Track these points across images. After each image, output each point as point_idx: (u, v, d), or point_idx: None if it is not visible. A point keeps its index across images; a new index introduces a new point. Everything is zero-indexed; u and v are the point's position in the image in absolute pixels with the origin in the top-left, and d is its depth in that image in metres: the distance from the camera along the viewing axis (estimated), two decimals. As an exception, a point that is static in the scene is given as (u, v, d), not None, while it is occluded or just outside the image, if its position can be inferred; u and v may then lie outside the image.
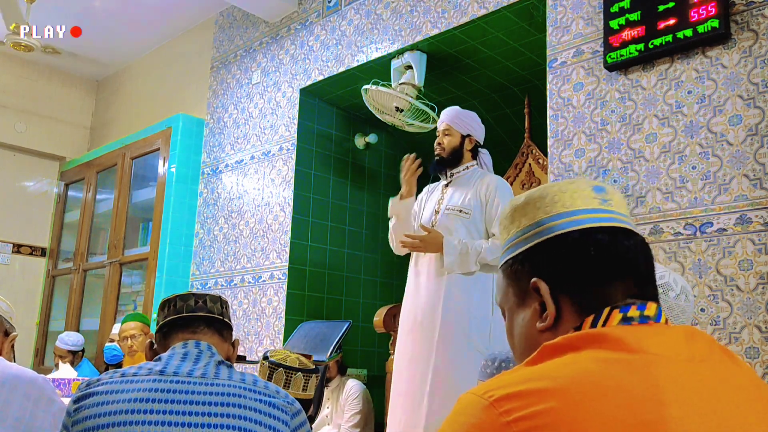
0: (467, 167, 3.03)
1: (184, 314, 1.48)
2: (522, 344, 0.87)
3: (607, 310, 0.80)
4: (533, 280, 0.84)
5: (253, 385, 1.33)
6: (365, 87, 3.91)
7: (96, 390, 1.30)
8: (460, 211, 2.92)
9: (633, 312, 0.80)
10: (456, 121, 3.02)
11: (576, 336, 0.76)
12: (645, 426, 0.67)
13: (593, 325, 0.80)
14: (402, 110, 3.86)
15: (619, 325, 0.79)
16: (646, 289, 0.84)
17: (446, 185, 3.06)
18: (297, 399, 2.20)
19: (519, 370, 0.75)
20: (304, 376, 2.27)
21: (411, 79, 3.84)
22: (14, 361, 1.74)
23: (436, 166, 3.05)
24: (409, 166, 3.01)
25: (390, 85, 3.90)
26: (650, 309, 0.81)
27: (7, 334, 1.84)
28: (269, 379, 2.22)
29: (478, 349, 2.72)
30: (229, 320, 1.57)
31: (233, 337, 1.57)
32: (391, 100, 3.84)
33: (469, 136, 3.02)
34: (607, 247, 0.83)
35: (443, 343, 2.79)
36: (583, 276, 0.82)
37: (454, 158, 3.02)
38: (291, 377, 2.24)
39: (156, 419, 1.24)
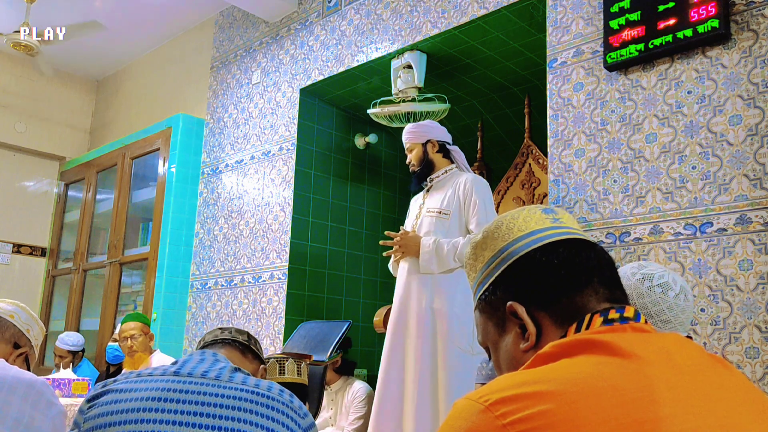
0: (445, 171, 3.13)
1: (209, 340, 1.60)
2: (511, 370, 0.88)
3: (588, 316, 0.83)
4: (508, 304, 0.87)
5: (268, 390, 1.32)
6: (370, 111, 4.00)
7: (112, 388, 1.30)
8: (439, 212, 2.99)
9: (613, 314, 0.83)
10: (411, 136, 3.15)
11: (567, 342, 0.77)
12: (640, 425, 0.67)
13: (577, 330, 0.82)
14: (413, 113, 3.89)
15: (604, 327, 0.81)
16: (616, 293, 0.87)
17: (427, 190, 3.14)
18: (294, 384, 2.22)
19: (513, 375, 0.76)
20: (295, 361, 2.29)
21: (410, 81, 3.84)
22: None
23: (417, 181, 3.16)
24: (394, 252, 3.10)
25: (390, 93, 3.93)
26: (629, 311, 0.84)
27: (17, 347, 1.82)
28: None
29: (461, 348, 2.76)
30: (257, 351, 1.63)
31: (261, 367, 1.63)
32: (399, 110, 3.89)
33: (428, 141, 3.11)
34: (570, 258, 0.87)
35: (426, 343, 2.84)
36: (553, 289, 0.86)
37: (427, 167, 3.13)
38: (283, 365, 2.26)
39: (168, 418, 1.23)
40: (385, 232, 3.10)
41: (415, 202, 3.22)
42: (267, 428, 1.26)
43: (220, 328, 1.62)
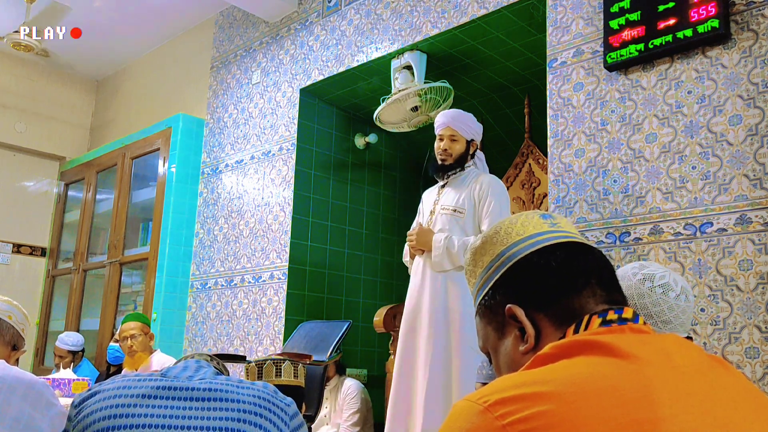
0: (463, 168, 3.06)
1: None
2: (511, 373, 0.88)
3: (586, 317, 0.83)
4: (507, 306, 0.88)
5: (251, 384, 1.38)
6: (376, 115, 3.97)
7: (100, 389, 1.35)
8: (454, 210, 2.96)
9: (611, 316, 0.83)
10: (463, 127, 3.04)
11: (566, 343, 0.78)
12: (638, 425, 0.67)
13: (575, 332, 0.82)
14: (418, 107, 3.86)
15: (603, 328, 0.82)
16: (614, 295, 0.88)
17: (442, 186, 3.08)
18: (290, 386, 2.23)
19: (513, 376, 0.76)
20: (292, 363, 2.29)
21: (408, 82, 3.82)
22: None
23: (441, 171, 3.06)
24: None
25: (390, 93, 3.92)
26: (627, 312, 0.84)
27: (15, 348, 1.83)
28: (259, 375, 2.24)
29: (472, 347, 2.75)
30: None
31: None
32: (404, 105, 3.85)
33: (472, 140, 3.06)
34: (568, 260, 0.88)
35: (439, 341, 2.83)
36: (551, 291, 0.86)
37: (459, 163, 3.05)
38: (280, 367, 2.27)
39: (158, 413, 1.27)
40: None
41: (428, 197, 3.17)
42: (256, 413, 1.30)
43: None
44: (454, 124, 3.03)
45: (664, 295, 1.57)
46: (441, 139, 3.05)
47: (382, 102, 3.91)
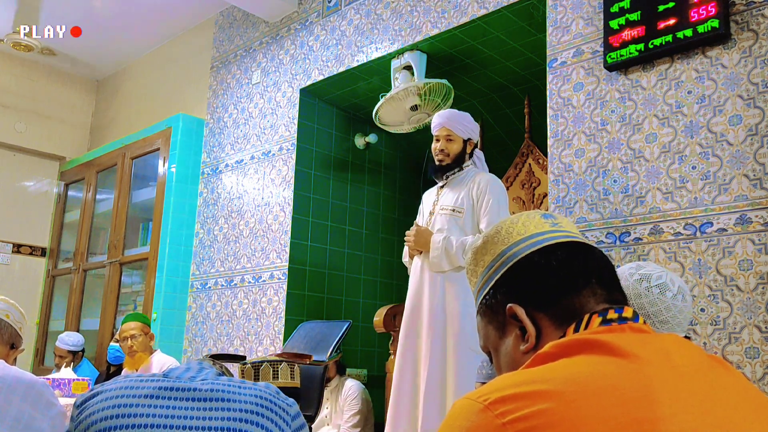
0: (461, 167, 3.06)
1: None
2: (511, 371, 0.88)
3: (587, 316, 0.83)
4: (508, 306, 0.88)
5: (253, 385, 1.39)
6: (376, 112, 3.95)
7: (103, 389, 1.36)
8: (453, 210, 2.96)
9: (611, 315, 0.83)
10: (458, 127, 3.04)
11: (566, 342, 0.78)
12: (638, 424, 0.67)
13: (576, 331, 0.83)
14: (419, 106, 3.85)
15: (603, 327, 0.82)
16: (614, 294, 0.88)
17: (441, 186, 3.09)
18: (288, 388, 2.24)
19: (513, 374, 0.76)
20: (288, 365, 2.30)
21: (408, 82, 3.82)
22: None
23: (439, 172, 3.07)
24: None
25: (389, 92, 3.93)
26: (627, 312, 0.84)
27: (13, 347, 1.83)
28: (256, 377, 2.25)
29: (472, 348, 2.75)
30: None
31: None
32: (404, 105, 3.84)
33: (469, 139, 3.06)
34: (568, 260, 0.88)
35: (437, 342, 2.83)
36: (551, 290, 0.87)
37: (457, 163, 3.05)
38: (277, 368, 2.27)
39: (160, 413, 1.28)
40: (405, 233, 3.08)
41: (428, 197, 3.17)
42: (258, 413, 1.31)
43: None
44: (450, 124, 3.03)
45: (661, 295, 1.57)
46: (437, 140, 3.06)
47: (381, 99, 3.91)
